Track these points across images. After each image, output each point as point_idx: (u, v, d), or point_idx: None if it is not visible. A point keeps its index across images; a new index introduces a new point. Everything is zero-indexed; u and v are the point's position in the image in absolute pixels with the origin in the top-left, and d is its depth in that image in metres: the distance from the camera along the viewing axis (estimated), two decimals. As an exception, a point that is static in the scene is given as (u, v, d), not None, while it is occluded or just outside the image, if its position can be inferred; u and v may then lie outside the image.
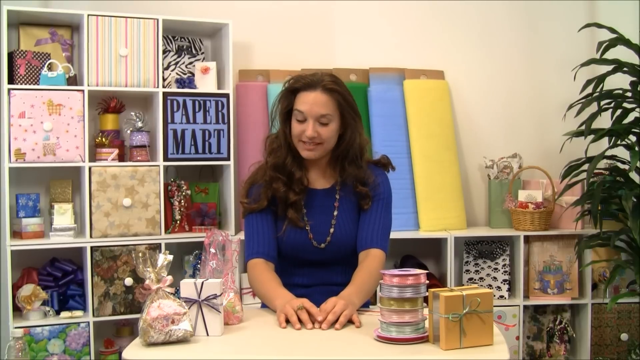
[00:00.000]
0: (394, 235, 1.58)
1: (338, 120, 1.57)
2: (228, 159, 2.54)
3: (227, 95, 2.54)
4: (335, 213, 1.55)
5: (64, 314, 2.29)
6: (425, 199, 2.66)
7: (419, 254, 2.75)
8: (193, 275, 2.48)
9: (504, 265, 2.63)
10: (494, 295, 2.59)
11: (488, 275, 2.65)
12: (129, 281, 2.35)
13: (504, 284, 2.61)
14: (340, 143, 1.60)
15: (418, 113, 2.72)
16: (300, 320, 1.35)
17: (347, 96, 1.58)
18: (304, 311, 1.36)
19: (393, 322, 1.25)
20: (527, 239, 2.59)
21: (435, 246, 2.76)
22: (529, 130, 2.87)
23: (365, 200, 1.60)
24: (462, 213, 2.71)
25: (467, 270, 2.68)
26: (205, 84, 2.56)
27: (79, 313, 2.31)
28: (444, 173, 2.69)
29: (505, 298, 2.60)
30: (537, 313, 2.64)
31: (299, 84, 1.56)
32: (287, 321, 1.37)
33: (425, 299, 1.29)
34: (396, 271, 1.26)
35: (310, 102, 1.54)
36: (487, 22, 2.86)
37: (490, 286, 2.61)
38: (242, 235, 2.28)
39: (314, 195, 1.62)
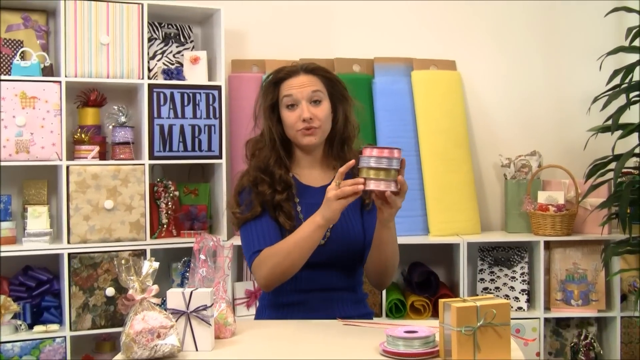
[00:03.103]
0: (400, 240, 1.58)
1: (328, 100, 1.61)
2: (220, 157, 2.54)
3: (218, 88, 2.54)
4: (328, 189, 1.56)
5: (37, 328, 2.28)
6: (435, 201, 2.65)
7: (429, 261, 2.75)
8: (181, 285, 2.49)
9: (523, 273, 2.62)
10: (512, 307, 2.58)
11: (505, 284, 2.64)
12: (110, 291, 2.34)
13: (523, 294, 2.61)
14: (334, 126, 1.63)
15: (427, 107, 2.71)
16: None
17: (331, 74, 1.64)
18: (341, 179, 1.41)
19: (371, 189, 1.37)
20: (548, 245, 2.59)
21: (446, 252, 2.75)
22: (550, 126, 2.86)
23: (365, 194, 1.60)
24: (475, 216, 2.71)
25: (482, 279, 2.67)
26: (195, 75, 2.56)
27: (54, 327, 2.30)
28: (455, 172, 2.68)
29: (524, 310, 2.59)
30: (559, 327, 2.63)
31: (281, 74, 1.62)
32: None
33: (435, 308, 1.28)
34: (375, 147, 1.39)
35: (298, 84, 1.60)
36: (502, 7, 2.86)
37: (507, 297, 2.61)
38: (235, 240, 2.27)
39: (311, 193, 1.63)
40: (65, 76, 2.35)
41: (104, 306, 2.34)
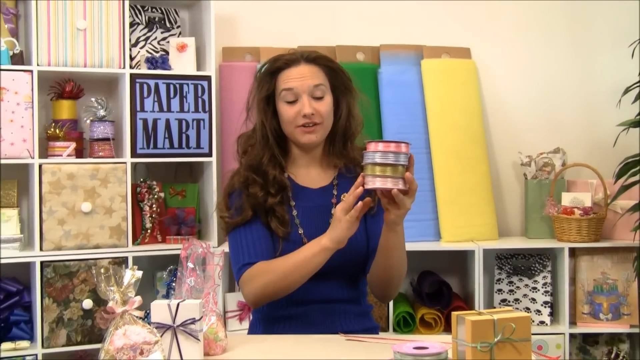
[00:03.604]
0: (409, 247, 1.58)
1: (330, 93, 1.61)
2: (210, 154, 2.54)
3: (208, 78, 2.54)
4: (333, 211, 1.56)
5: (5, 345, 2.27)
6: (447, 204, 2.65)
7: (441, 270, 2.75)
8: (167, 296, 2.48)
9: (545, 284, 2.62)
10: (533, 321, 2.58)
11: (525, 296, 2.64)
12: (87, 303, 2.34)
13: (545, 306, 2.61)
14: (337, 121, 1.63)
15: (439, 99, 2.71)
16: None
17: (334, 63, 1.64)
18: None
19: (377, 187, 1.37)
20: (573, 252, 2.59)
21: (460, 260, 2.75)
22: (575, 120, 2.86)
23: (369, 194, 1.61)
24: (492, 220, 2.71)
25: (500, 290, 2.67)
26: (182, 64, 2.56)
27: (24, 344, 2.30)
28: (470, 172, 2.68)
29: (546, 324, 2.59)
30: (586, 343, 2.63)
31: (279, 63, 1.61)
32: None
33: (448, 322, 1.28)
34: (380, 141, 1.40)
35: (299, 76, 1.58)
36: (523, -12, 2.87)
37: (527, 309, 2.61)
38: (227, 247, 2.29)
39: (308, 196, 1.63)
40: (38, 65, 2.34)
41: (81, 320, 2.34)
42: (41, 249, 2.32)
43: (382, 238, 1.52)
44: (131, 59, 2.53)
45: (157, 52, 2.60)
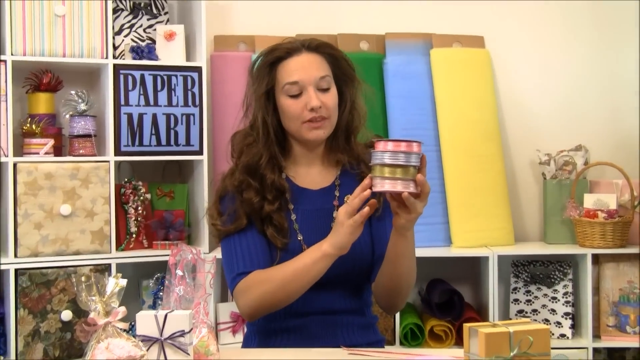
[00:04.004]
0: (417, 253, 1.57)
1: (334, 84, 1.62)
2: (200, 152, 2.54)
3: (198, 69, 2.54)
4: (336, 214, 1.55)
5: (-21, 359, 2.28)
6: (459, 206, 2.65)
7: (452, 278, 2.75)
8: (154, 306, 2.49)
9: (566, 293, 2.62)
10: (553, 334, 2.58)
11: (544, 306, 2.64)
12: (67, 315, 2.33)
13: (566, 318, 2.60)
14: (340, 113, 1.63)
15: (450, 92, 2.71)
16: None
17: (337, 51, 1.64)
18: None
19: (386, 190, 1.37)
20: (597, 259, 2.58)
21: (472, 268, 2.75)
22: (598, 115, 2.86)
23: (376, 197, 1.61)
24: (508, 224, 2.71)
25: (516, 300, 2.67)
26: (170, 54, 2.56)
27: (-1, 358, 2.30)
28: (484, 171, 2.68)
29: (567, 338, 2.59)
30: (612, 359, 2.62)
31: (278, 52, 1.60)
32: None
33: (459, 334, 1.28)
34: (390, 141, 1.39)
35: (302, 66, 1.58)
36: (541, -28, 2.87)
37: (547, 321, 2.61)
38: (219, 253, 2.29)
39: (308, 198, 1.63)
40: (12, 54, 2.34)
41: (59, 333, 2.34)
42: (16, 256, 2.32)
43: (391, 244, 1.51)
44: (114, 48, 2.52)
45: (142, 40, 2.59)
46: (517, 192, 2.86)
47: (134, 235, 2.52)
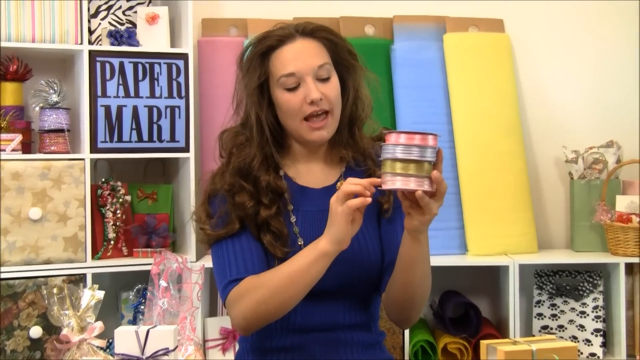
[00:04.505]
0: (431, 262, 1.57)
1: (335, 72, 1.61)
2: (187, 149, 2.53)
3: (184, 56, 2.53)
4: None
5: (-62, 381, 2.27)
6: (475, 209, 2.65)
7: (467, 290, 2.74)
8: (134, 321, 2.47)
9: (596, 307, 2.61)
10: (581, 352, 2.57)
11: (571, 322, 2.63)
12: (36, 331, 2.32)
13: (597, 335, 2.60)
14: (342, 104, 1.62)
15: (465, 82, 2.71)
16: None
17: (335, 35, 1.63)
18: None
19: (397, 188, 1.36)
20: (631, 269, 2.58)
21: (491, 278, 2.75)
22: (632, 107, 2.85)
23: (384, 198, 1.61)
24: (530, 229, 2.70)
25: (540, 315, 2.67)
26: (153, 39, 2.56)
27: (-38, 379, 2.29)
28: (503, 170, 2.68)
29: (598, 357, 2.58)
30: (645, 378, 2.62)
31: (270, 41, 1.60)
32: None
33: (476, 352, 1.27)
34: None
35: (298, 55, 1.57)
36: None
37: (574, 338, 2.60)
38: (207, 261, 2.26)
39: (309, 198, 1.62)
40: (-23, 40, 2.34)
41: (27, 352, 2.33)
42: (-19, 265, 2.31)
43: (402, 249, 1.51)
44: (90, 32, 2.52)
45: (121, 24, 2.59)
46: (541, 193, 2.85)
47: (112, 242, 2.51)
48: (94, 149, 2.44)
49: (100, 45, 2.52)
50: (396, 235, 1.59)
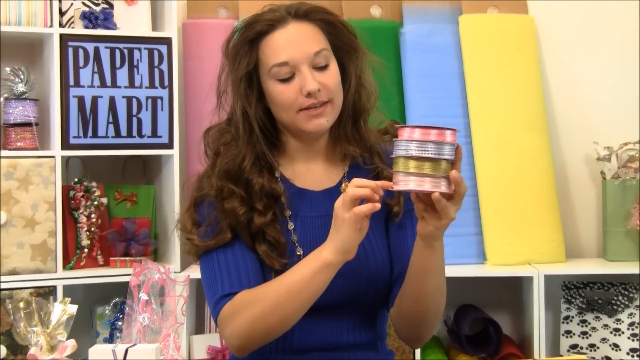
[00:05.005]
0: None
1: (334, 57, 1.60)
2: (170, 146, 2.53)
3: (167, 41, 2.53)
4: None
5: None
6: (495, 212, 2.65)
7: (486, 304, 2.74)
8: (111, 339, 2.47)
9: (632, 324, 2.61)
10: (613, 373, 2.57)
11: (604, 340, 2.63)
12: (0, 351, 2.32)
13: (633, 355, 2.59)
14: (344, 93, 1.61)
15: (483, 70, 2.70)
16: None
17: (333, 15, 1.62)
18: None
19: (411, 189, 1.35)
20: (670, 280, 2.58)
21: (512, 291, 2.74)
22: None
23: (393, 200, 1.60)
24: (557, 236, 2.70)
25: (568, 332, 2.66)
26: (132, 21, 2.56)
27: None
28: (527, 169, 2.68)
29: (632, 378, 2.58)
30: (686, 404, 2.62)
31: (259, 26, 1.58)
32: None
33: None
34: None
35: (291, 41, 1.56)
36: None
37: (608, 359, 2.60)
38: (193, 272, 2.26)
39: (309, 202, 1.62)
40: None
41: (-7, 373, 2.33)
42: (-62, 276, 2.31)
43: (414, 258, 1.50)
44: (61, 14, 2.51)
45: (97, 4, 2.58)
46: (569, 195, 2.85)
47: (85, 250, 2.51)
48: (65, 145, 2.43)
49: (73, 28, 2.51)
50: (407, 242, 1.58)
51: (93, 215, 2.52)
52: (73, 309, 1.35)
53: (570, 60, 2.86)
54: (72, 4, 2.55)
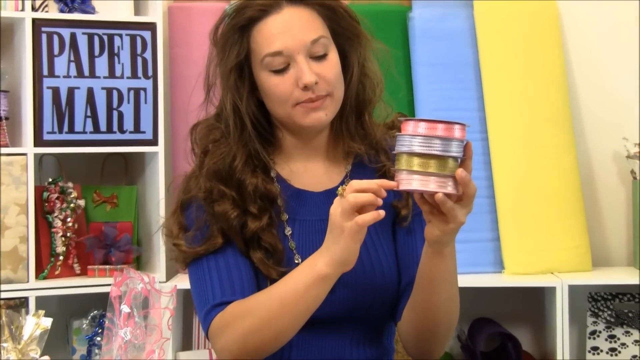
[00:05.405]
0: (458, 282, 1.56)
1: (334, 45, 1.59)
2: (155, 142, 2.54)
3: (152, 26, 2.54)
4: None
5: None
6: (513, 216, 2.65)
7: (504, 317, 2.75)
8: (89, 356, 2.47)
9: (665, 339, 2.62)
10: (645, 395, 2.57)
11: (635, 358, 2.63)
12: (-31, 368, 2.33)
13: (665, 374, 2.60)
14: (345, 84, 1.61)
15: (501, 58, 2.71)
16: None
17: None
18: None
19: (414, 189, 1.35)
20: None
21: (533, 303, 2.75)
22: None
23: (401, 202, 1.61)
24: (583, 242, 2.70)
25: (595, 349, 2.66)
26: (112, 4, 2.56)
27: None
28: (549, 167, 2.68)
29: (666, 400, 2.59)
30: None
31: (250, 11, 1.58)
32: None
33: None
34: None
35: (286, 28, 1.55)
36: None
37: (637, 377, 2.60)
38: (180, 281, 2.26)
39: (308, 204, 1.62)
40: None
41: (-41, 393, 2.33)
42: None
43: (423, 266, 1.50)
44: (34, -3, 2.52)
45: (74, -14, 2.59)
46: (596, 196, 2.85)
47: (61, 258, 2.51)
48: (38, 141, 2.44)
49: (47, 12, 2.51)
50: (416, 249, 1.58)
51: (69, 219, 2.52)
52: (47, 322, 1.35)
53: (597, 48, 2.86)
54: (46, -15, 2.56)
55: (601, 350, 2.65)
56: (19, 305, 2.38)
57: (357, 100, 1.63)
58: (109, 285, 1.46)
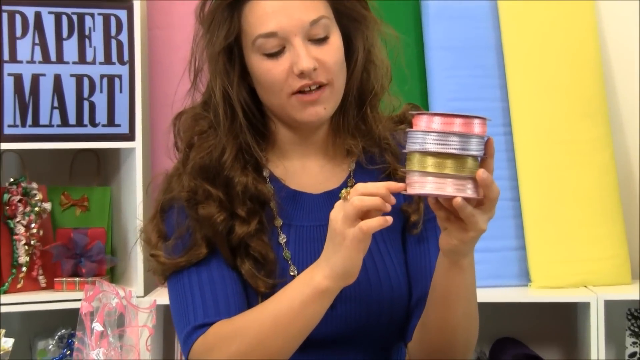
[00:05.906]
0: (478, 297, 1.56)
1: (337, 28, 1.59)
2: (131, 137, 2.54)
3: (128, 5, 2.54)
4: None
5: None
6: (541, 222, 2.66)
7: (530, 336, 2.76)
8: (56, 382, 2.48)
9: None
10: None
11: (680, 382, 2.64)
12: None
13: None
14: (348, 73, 1.60)
15: (527, 42, 2.72)
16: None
17: None
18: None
19: (428, 193, 1.35)
20: None
21: (564, 320, 2.76)
22: None
23: (411, 207, 1.61)
24: (621, 250, 2.71)
25: (635, 371, 2.67)
26: (82, -21, 2.56)
27: None
28: (582, 167, 2.69)
29: None
30: None
31: None
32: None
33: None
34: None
35: (282, 6, 1.55)
36: None
37: (683, 405, 2.61)
38: (158, 295, 2.27)
39: (305, 207, 1.62)
40: None
41: None
42: None
43: (438, 279, 1.50)
44: (-6, -29, 2.52)
45: (39, -41, 2.59)
46: (636, 199, 2.86)
47: (23, 269, 2.51)
48: (-1, 136, 2.44)
49: (8, -12, 2.52)
50: (429, 259, 1.58)
51: (33, 225, 2.52)
52: (8, 343, 1.35)
53: (636, 32, 2.87)
54: (7, -42, 2.56)
55: (643, 374, 2.67)
56: (-24, 323, 2.38)
57: (360, 91, 1.63)
58: (79, 300, 1.47)
